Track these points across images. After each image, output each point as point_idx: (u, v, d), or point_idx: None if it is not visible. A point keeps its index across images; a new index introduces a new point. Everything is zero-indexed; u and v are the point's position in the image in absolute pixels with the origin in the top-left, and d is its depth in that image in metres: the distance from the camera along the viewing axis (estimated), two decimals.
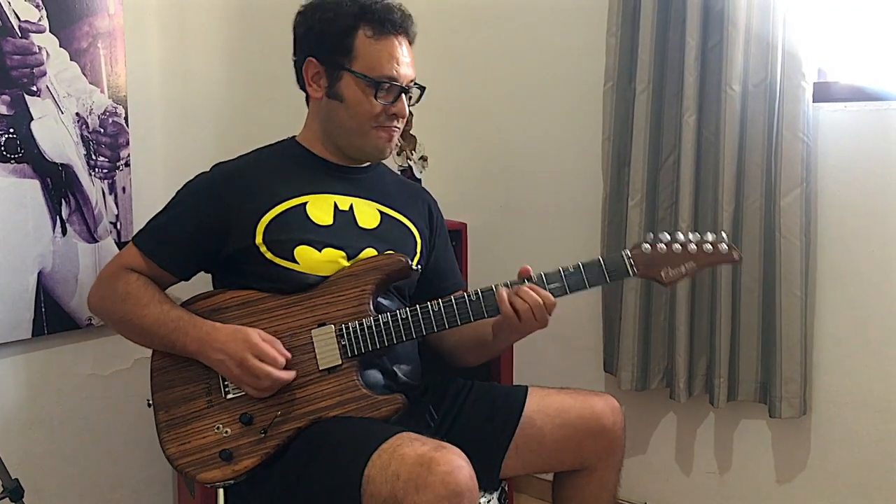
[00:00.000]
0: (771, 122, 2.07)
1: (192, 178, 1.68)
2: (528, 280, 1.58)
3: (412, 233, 1.75)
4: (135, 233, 1.68)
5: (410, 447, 1.35)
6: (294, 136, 1.76)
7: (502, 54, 2.62)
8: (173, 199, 1.67)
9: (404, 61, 1.63)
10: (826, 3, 2.05)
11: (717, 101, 2.10)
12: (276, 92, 2.53)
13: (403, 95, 1.64)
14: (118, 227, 2.12)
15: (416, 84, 1.67)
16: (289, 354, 1.53)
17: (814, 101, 2.04)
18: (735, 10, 2.04)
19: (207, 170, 1.70)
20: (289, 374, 1.52)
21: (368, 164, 1.75)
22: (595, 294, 2.41)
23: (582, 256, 2.48)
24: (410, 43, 1.67)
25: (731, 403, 2.22)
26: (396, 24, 1.62)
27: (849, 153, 2.07)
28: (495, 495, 1.69)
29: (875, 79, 2.06)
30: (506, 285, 1.57)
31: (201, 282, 1.71)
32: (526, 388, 1.72)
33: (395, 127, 1.67)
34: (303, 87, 1.71)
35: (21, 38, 1.89)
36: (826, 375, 2.15)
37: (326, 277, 1.60)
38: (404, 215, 1.75)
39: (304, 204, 1.63)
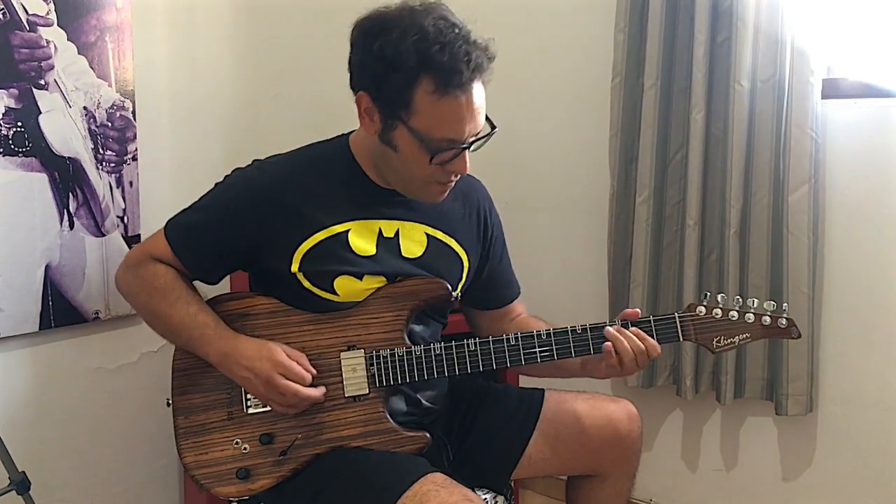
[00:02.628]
0: (779, 119, 2.06)
1: (233, 172, 1.56)
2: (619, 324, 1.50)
3: (459, 257, 1.63)
4: (168, 220, 1.57)
5: (437, 498, 1.32)
6: (348, 139, 1.58)
7: (510, 49, 2.60)
8: (211, 197, 1.55)
9: (471, 117, 1.41)
10: None
11: (726, 97, 2.10)
12: (283, 86, 2.54)
13: (466, 151, 1.45)
14: (125, 221, 2.12)
15: (487, 120, 1.47)
16: (314, 371, 1.48)
17: (822, 98, 2.04)
18: (743, 6, 2.04)
19: (247, 166, 1.56)
20: (318, 392, 1.46)
21: None
22: (602, 290, 2.41)
23: (589, 254, 2.51)
24: (485, 82, 1.44)
25: (737, 401, 2.21)
26: (464, 80, 1.37)
27: (857, 150, 2.07)
28: (502, 499, 1.68)
29: (884, 75, 2.05)
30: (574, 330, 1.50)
31: None
32: (542, 393, 1.69)
33: (452, 181, 1.51)
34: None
35: (29, 31, 1.89)
36: (833, 373, 2.15)
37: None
38: (453, 236, 1.62)
39: (347, 232, 1.51)
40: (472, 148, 1.46)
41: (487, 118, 1.47)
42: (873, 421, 2.11)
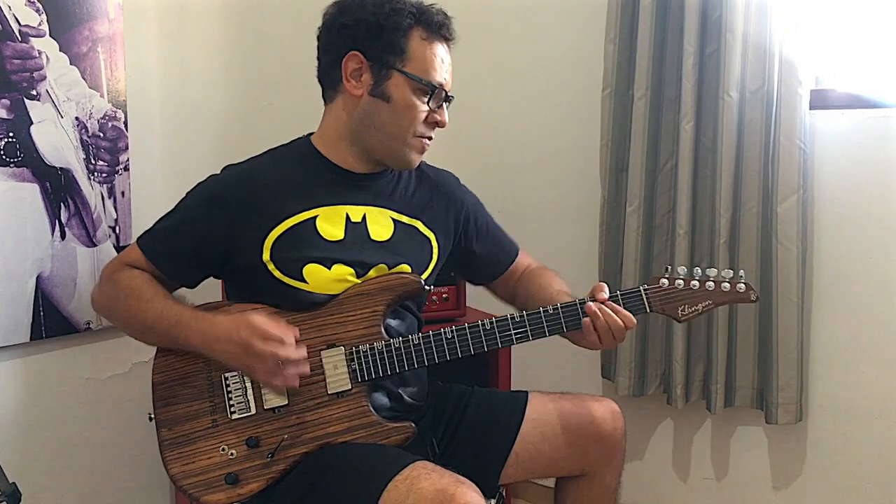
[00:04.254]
0: (768, 129, 2.08)
1: (203, 179, 1.62)
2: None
3: (428, 239, 1.68)
4: (139, 235, 1.61)
5: (428, 480, 1.33)
6: (310, 136, 1.68)
7: (500, 60, 2.63)
8: (182, 202, 1.61)
9: (450, 68, 1.60)
10: (823, 10, 2.06)
11: (715, 107, 2.11)
12: (274, 96, 2.54)
13: (445, 104, 1.60)
14: (117, 231, 2.12)
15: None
16: (296, 330, 1.48)
17: (811, 108, 2.05)
18: (732, 17, 2.05)
19: (217, 172, 1.63)
20: (297, 353, 1.46)
21: (383, 168, 1.66)
22: None
23: (580, 262, 2.51)
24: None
25: (727, 409, 2.22)
26: (449, 31, 1.59)
27: (846, 160, 2.08)
28: (493, 501, 1.69)
29: (872, 86, 2.07)
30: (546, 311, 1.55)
31: (210, 288, 1.71)
32: (526, 394, 1.71)
33: (430, 138, 1.61)
34: (327, 83, 1.63)
35: (21, 42, 1.89)
36: (822, 382, 2.16)
37: (336, 296, 1.56)
38: (420, 219, 1.68)
39: (315, 218, 1.57)
40: (449, 103, 1.62)
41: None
42: (863, 429, 2.12)
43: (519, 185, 2.63)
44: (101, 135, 2.07)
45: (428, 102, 1.56)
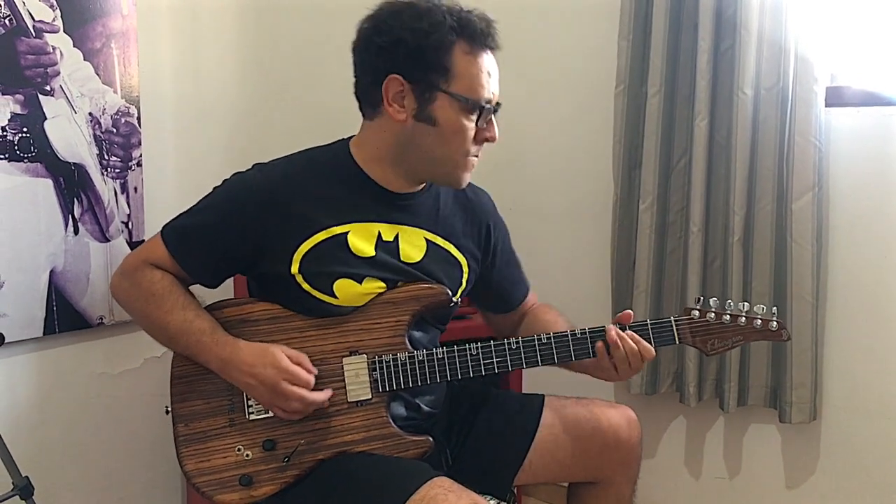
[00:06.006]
0: (783, 127, 2.07)
1: (231, 176, 1.55)
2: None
3: (459, 263, 1.63)
4: (151, 230, 1.60)
5: (445, 502, 1.32)
6: (348, 143, 1.58)
7: (513, 56, 2.60)
8: (209, 199, 1.54)
9: (496, 78, 1.50)
10: (839, 7, 2.04)
11: (729, 104, 2.10)
12: (287, 92, 2.54)
13: (493, 116, 1.50)
14: (130, 226, 2.13)
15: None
16: (316, 371, 1.47)
17: (826, 106, 2.04)
18: (747, 13, 2.04)
19: (247, 169, 1.55)
20: (323, 396, 1.46)
21: (422, 186, 1.59)
22: (605, 296, 2.41)
23: (592, 260, 2.51)
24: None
25: (740, 408, 2.21)
26: (494, 40, 1.48)
27: (861, 158, 2.07)
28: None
29: (887, 84, 2.06)
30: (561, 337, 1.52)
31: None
32: (542, 399, 1.69)
33: (478, 156, 1.53)
34: (366, 102, 1.53)
35: (35, 37, 1.90)
36: (836, 381, 2.15)
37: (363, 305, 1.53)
38: (453, 242, 1.62)
39: (346, 233, 1.51)
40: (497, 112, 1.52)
41: None
42: (877, 428, 2.10)
43: (531, 182, 2.63)
44: (115, 130, 2.08)
45: (477, 121, 1.47)
